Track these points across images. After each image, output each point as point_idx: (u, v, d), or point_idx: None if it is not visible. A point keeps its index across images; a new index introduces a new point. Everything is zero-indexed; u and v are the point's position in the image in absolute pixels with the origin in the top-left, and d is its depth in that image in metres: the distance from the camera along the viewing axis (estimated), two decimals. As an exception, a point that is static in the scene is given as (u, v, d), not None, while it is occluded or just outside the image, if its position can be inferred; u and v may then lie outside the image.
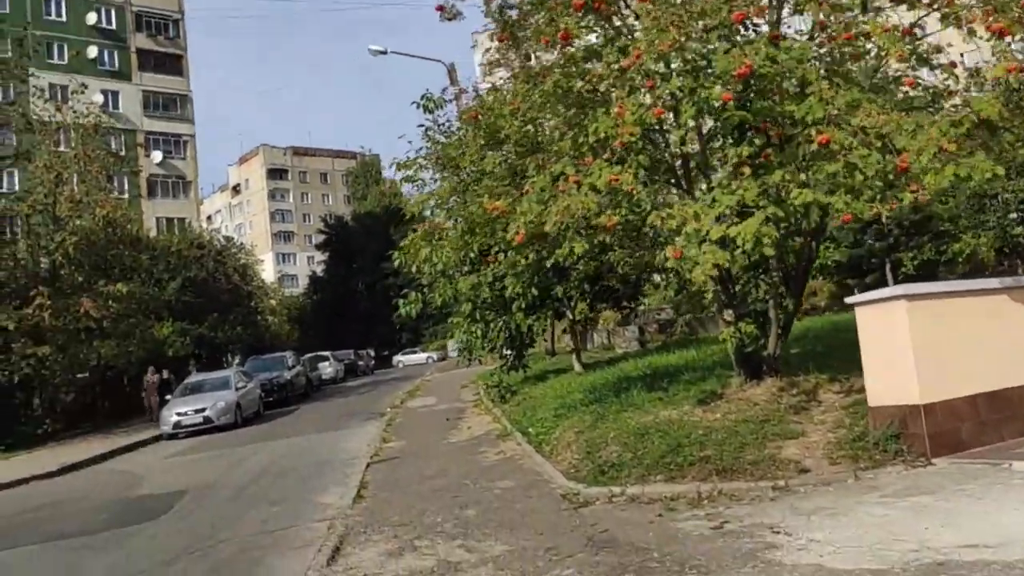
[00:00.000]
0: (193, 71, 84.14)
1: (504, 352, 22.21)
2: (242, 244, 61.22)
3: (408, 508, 10.44)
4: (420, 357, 72.25)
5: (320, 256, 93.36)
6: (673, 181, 11.33)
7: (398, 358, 73.61)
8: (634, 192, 9.65)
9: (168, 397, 29.61)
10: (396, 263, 19.61)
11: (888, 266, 27.48)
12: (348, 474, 14.25)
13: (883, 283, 28.19)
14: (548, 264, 13.51)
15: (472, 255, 19.09)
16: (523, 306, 19.58)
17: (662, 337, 30.50)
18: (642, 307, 24.14)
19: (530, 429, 15.09)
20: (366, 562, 8.09)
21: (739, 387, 11.64)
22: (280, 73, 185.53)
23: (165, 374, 30.81)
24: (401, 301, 19.29)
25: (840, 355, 12.99)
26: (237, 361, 43.88)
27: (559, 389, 18.60)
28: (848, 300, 8.91)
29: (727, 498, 8.40)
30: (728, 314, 11.67)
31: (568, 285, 19.57)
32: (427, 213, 19.30)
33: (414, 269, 19.70)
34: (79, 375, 34.11)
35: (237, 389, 28.75)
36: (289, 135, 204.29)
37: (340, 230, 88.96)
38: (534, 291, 18.51)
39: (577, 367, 21.58)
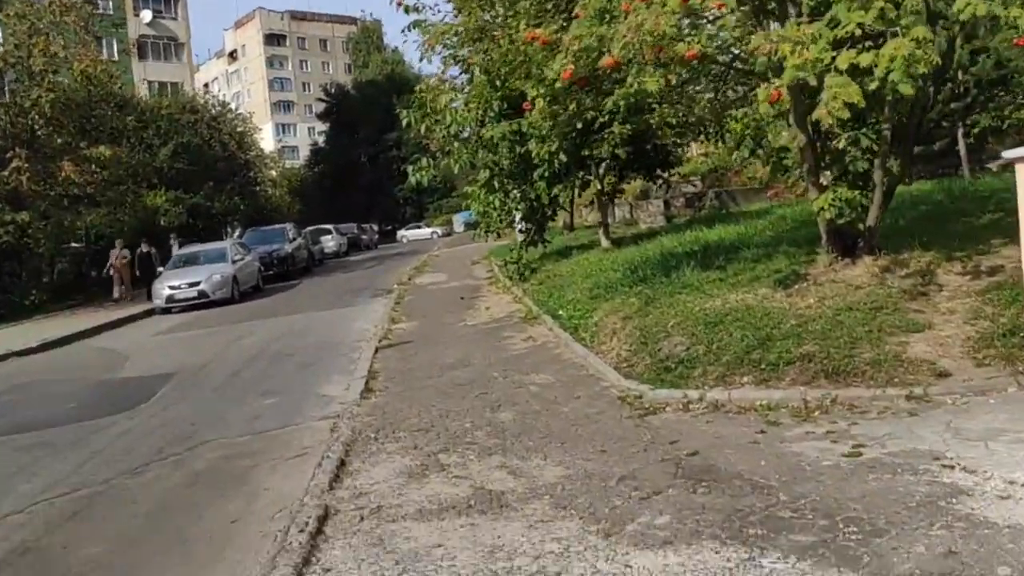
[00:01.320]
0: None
1: (523, 225, 20.11)
2: (239, 110, 58.12)
3: (427, 407, 8.60)
4: (424, 232, 70.40)
5: (321, 126, 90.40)
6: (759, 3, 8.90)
7: (402, 233, 71.75)
8: (723, 9, 7.37)
9: (160, 270, 27.76)
10: (405, 122, 17.41)
11: (961, 130, 24.64)
12: (354, 360, 12.45)
13: (953, 151, 25.59)
14: (594, 114, 11.23)
15: (493, 112, 16.75)
16: (546, 174, 17.33)
17: (689, 212, 28.34)
18: (675, 177, 21.84)
19: (561, 312, 13.19)
20: (380, 485, 6.23)
21: (828, 266, 9.59)
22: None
23: (145, 247, 28.42)
24: (410, 168, 17.05)
25: (938, 229, 10.91)
26: (237, 234, 41.80)
27: (588, 267, 16.59)
28: (1006, 154, 6.79)
29: (846, 409, 6.48)
30: (824, 176, 9.52)
31: (600, 149, 17.28)
32: (443, 55, 16.83)
33: (422, 130, 17.50)
34: (68, 245, 32.29)
35: (234, 262, 26.89)
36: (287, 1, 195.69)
37: (341, 99, 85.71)
38: (563, 156, 16.24)
39: (605, 243, 19.48)
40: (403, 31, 16.26)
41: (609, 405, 7.73)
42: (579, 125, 14.67)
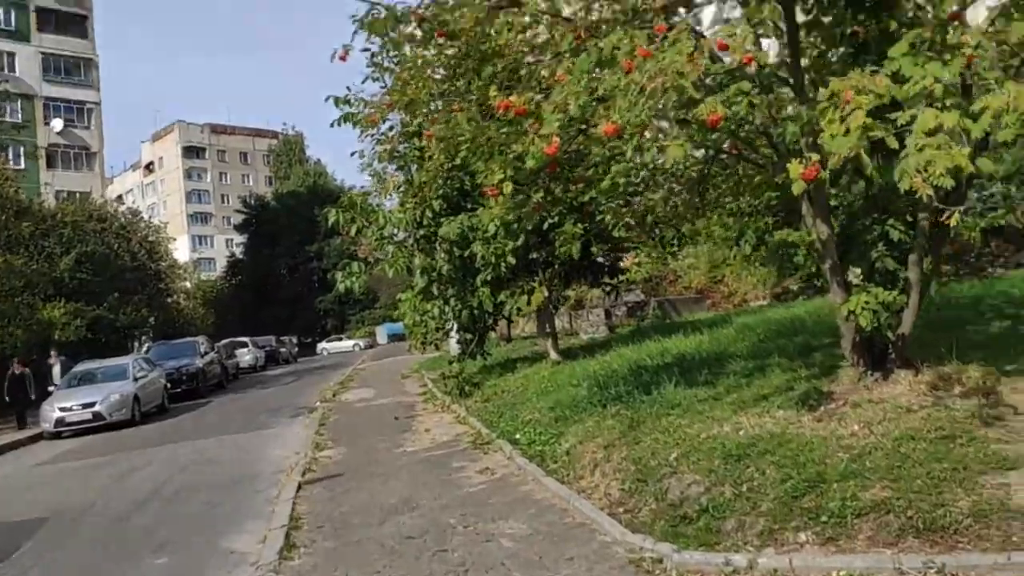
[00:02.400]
0: (102, 39, 78.07)
1: (460, 336, 18.28)
2: (151, 219, 55.60)
3: (370, 574, 6.51)
4: (346, 344, 67.99)
5: (240, 238, 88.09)
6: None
7: (323, 345, 69.12)
8: (754, 64, 5.90)
9: (52, 388, 24.88)
10: (331, 222, 15.64)
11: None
12: (272, 500, 10.24)
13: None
14: (588, 196, 9.67)
15: (431, 212, 15.11)
16: (490, 278, 15.65)
17: (631, 321, 27.01)
18: (621, 284, 20.45)
19: (518, 436, 11.29)
20: None
21: (856, 382, 7.99)
22: (198, 46, 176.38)
23: (16, 368, 25.14)
24: (340, 273, 15.18)
25: (956, 338, 9.49)
26: (146, 348, 38.75)
27: (541, 382, 14.81)
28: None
29: (965, 585, 4.71)
30: (854, 274, 8.01)
31: (549, 251, 15.76)
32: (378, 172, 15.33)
33: (352, 232, 15.76)
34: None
35: (136, 379, 24.24)
36: (207, 112, 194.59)
37: (261, 210, 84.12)
38: (511, 259, 14.63)
39: (553, 354, 17.74)
40: (333, 124, 14.68)
41: (619, 573, 5.79)
42: (588, 196, 13.17)
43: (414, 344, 18.30)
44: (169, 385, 28.24)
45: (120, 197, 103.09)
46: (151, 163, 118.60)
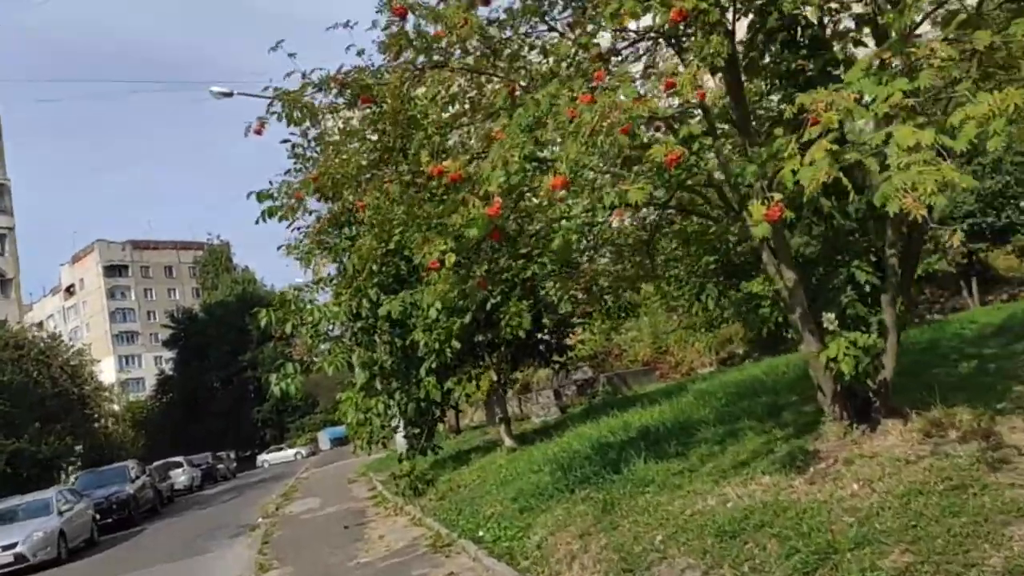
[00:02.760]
0: (14, 164, 76.42)
1: (407, 431, 17.34)
2: (71, 342, 53.41)
3: None
4: (287, 454, 65.73)
5: (168, 354, 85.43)
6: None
7: (263, 457, 66.63)
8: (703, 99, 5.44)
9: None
10: (263, 322, 14.75)
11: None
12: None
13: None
14: (531, 270, 9.08)
15: (368, 302, 14.37)
16: (434, 366, 14.85)
17: (583, 400, 26.31)
18: (569, 362, 19.76)
19: (482, 533, 10.40)
20: None
21: (842, 436, 7.40)
22: (115, 165, 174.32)
23: None
24: (274, 376, 14.23)
25: (931, 380, 9.05)
26: (73, 479, 36.49)
27: (499, 472, 13.94)
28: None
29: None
30: (828, 320, 7.48)
31: (495, 333, 15.10)
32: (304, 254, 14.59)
33: (287, 329, 14.92)
34: None
35: (60, 513, 22.51)
36: (128, 230, 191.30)
37: (189, 323, 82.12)
38: (454, 344, 13.91)
39: (508, 441, 16.85)
40: (257, 221, 13.91)
41: None
42: (540, 266, 12.56)
43: (359, 445, 17.24)
44: (99, 516, 26.46)
45: (41, 324, 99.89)
46: (71, 286, 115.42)
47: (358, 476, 26.43)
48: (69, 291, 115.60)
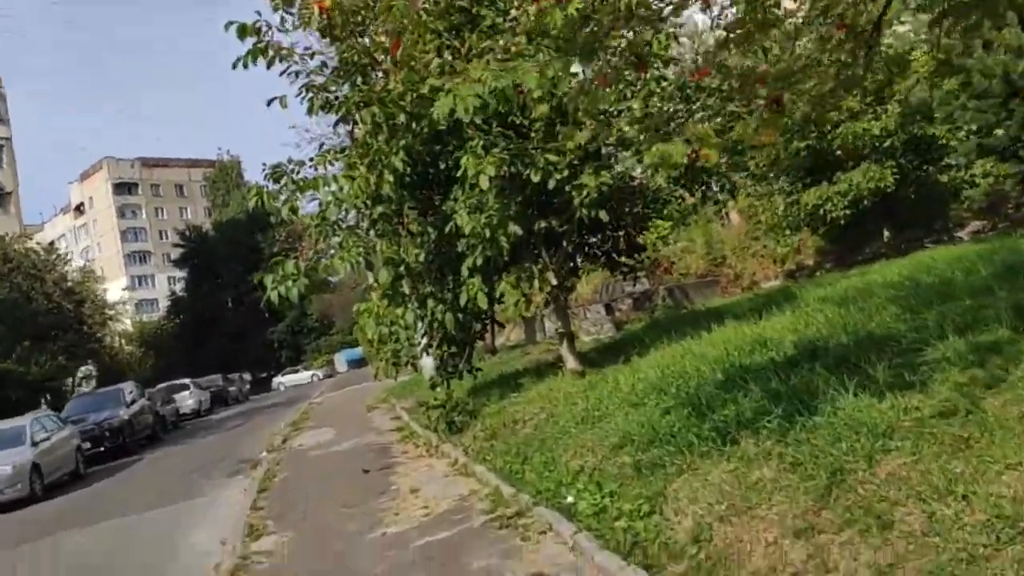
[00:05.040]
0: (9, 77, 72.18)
1: (443, 350, 13.64)
2: (68, 255, 50.07)
3: None
4: (304, 376, 63.01)
5: (181, 274, 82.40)
6: None
7: (278, 379, 63.88)
8: None
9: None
10: (252, 203, 11.07)
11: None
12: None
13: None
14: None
15: (391, 177, 10.51)
16: (479, 264, 11.05)
17: (640, 315, 22.63)
18: (640, 266, 15.76)
19: (571, 499, 6.80)
20: None
21: None
22: (121, 82, 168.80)
23: None
24: (268, 277, 10.51)
25: None
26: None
27: (570, 404, 10.22)
28: None
29: None
30: None
31: (560, 219, 11.32)
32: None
33: (285, 214, 11.23)
34: None
35: (35, 444, 19.25)
36: (138, 148, 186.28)
37: (200, 242, 78.77)
38: (513, 229, 10.10)
39: (573, 362, 13.06)
40: (235, 65, 10.09)
41: None
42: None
43: (382, 368, 13.54)
44: (89, 444, 23.40)
45: (52, 243, 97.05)
46: (81, 204, 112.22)
47: (378, 402, 23.00)
48: (79, 210, 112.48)
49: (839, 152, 20.45)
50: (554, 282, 12.78)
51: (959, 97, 14.69)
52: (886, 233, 23.43)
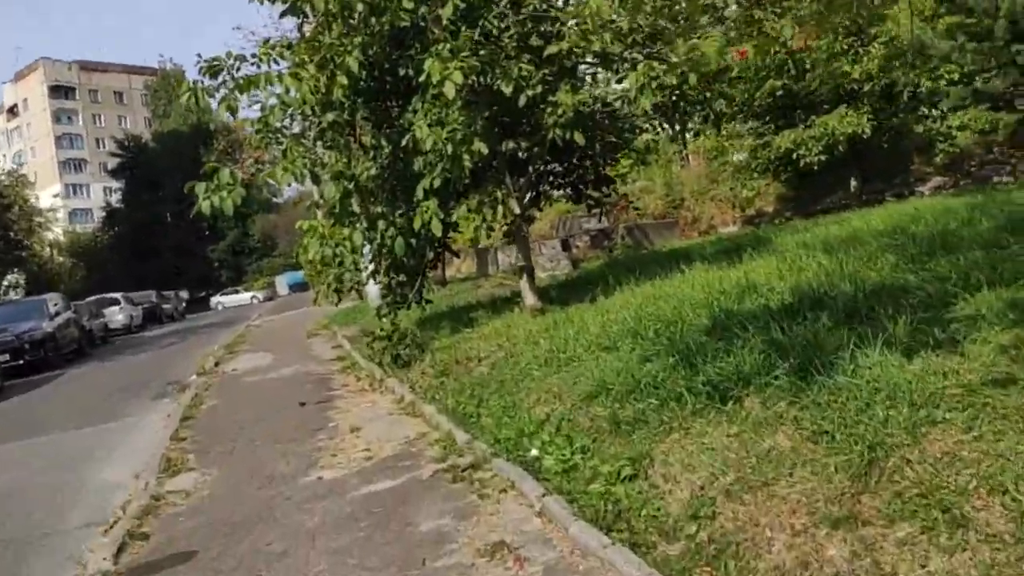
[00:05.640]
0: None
1: (391, 277, 12.62)
2: (14, 166, 47.40)
3: None
4: (243, 297, 61.42)
5: (118, 185, 79.32)
6: None
7: (217, 299, 62.17)
8: None
9: None
10: (184, 99, 9.82)
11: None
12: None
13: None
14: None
15: (348, 78, 9.30)
16: (437, 185, 9.98)
17: (598, 254, 21.73)
18: (609, 199, 14.79)
19: (535, 452, 5.95)
20: None
21: None
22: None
23: None
24: (201, 186, 9.32)
25: None
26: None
27: (532, 343, 9.31)
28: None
29: None
30: None
31: (530, 141, 10.26)
32: None
33: (224, 113, 10.01)
34: None
35: (-50, 352, 17.92)
36: (78, 51, 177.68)
37: (139, 153, 75.86)
38: (478, 146, 9.02)
39: (531, 299, 12.06)
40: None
41: None
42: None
43: (323, 293, 12.42)
44: (7, 357, 22.07)
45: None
46: (14, 106, 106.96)
47: (319, 328, 21.94)
48: (12, 112, 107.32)
49: (816, 94, 19.62)
50: (517, 211, 11.79)
51: (957, 37, 13.89)
52: (853, 183, 22.79)
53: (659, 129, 14.17)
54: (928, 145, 22.73)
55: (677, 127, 12.86)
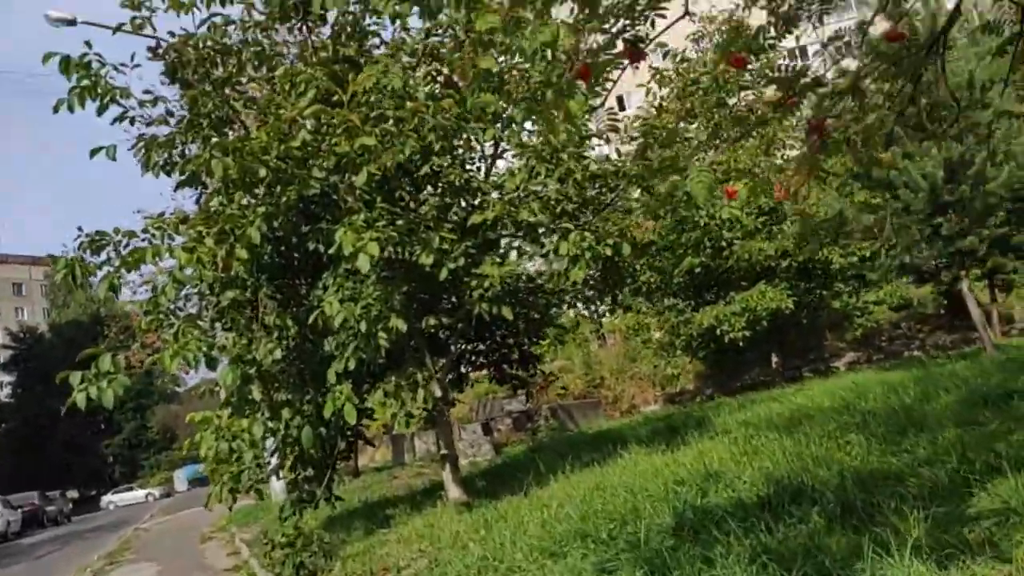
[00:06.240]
0: None
1: (297, 472, 11.21)
2: None
3: None
4: (138, 495, 57.10)
5: (9, 378, 75.36)
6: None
7: (107, 498, 57.69)
8: None
9: None
10: (60, 275, 8.74)
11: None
12: None
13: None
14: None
15: (245, 253, 8.33)
16: (350, 367, 8.92)
17: (521, 437, 20.58)
18: (534, 379, 13.87)
19: None
20: None
21: None
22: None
23: None
24: (75, 376, 8.07)
25: None
26: None
27: (460, 548, 8.01)
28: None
29: None
30: None
31: (455, 316, 9.37)
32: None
33: (102, 293, 8.95)
34: None
35: None
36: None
37: (34, 343, 72.33)
38: (396, 323, 8.05)
39: (456, 492, 10.67)
40: (67, 104, 8.01)
41: None
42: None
43: (216, 494, 10.83)
44: None
45: None
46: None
47: (216, 531, 19.85)
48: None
49: (736, 271, 19.63)
50: (439, 394, 10.72)
51: (877, 211, 14.02)
52: (775, 358, 22.58)
53: (592, 303, 13.56)
54: (844, 320, 22.87)
55: (608, 300, 12.25)
